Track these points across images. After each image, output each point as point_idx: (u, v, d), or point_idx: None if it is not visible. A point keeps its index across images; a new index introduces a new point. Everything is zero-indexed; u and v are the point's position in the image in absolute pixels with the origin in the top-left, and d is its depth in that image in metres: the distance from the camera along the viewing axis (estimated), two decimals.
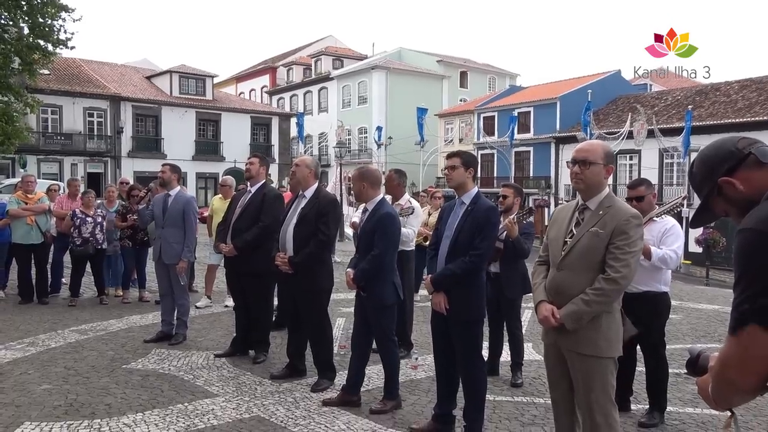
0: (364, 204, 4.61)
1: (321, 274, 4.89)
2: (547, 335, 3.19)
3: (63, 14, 16.72)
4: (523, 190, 5.98)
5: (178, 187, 6.41)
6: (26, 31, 16.53)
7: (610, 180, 3.16)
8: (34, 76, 17.59)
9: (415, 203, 6.19)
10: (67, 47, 17.08)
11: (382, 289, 4.34)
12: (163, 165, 6.52)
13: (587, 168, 3.04)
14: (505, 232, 4.92)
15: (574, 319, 2.95)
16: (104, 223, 8.18)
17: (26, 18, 16.30)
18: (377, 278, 4.31)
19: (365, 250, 4.35)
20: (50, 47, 16.80)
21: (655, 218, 4.26)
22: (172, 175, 6.34)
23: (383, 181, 5.35)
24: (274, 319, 6.20)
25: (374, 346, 4.63)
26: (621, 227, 2.94)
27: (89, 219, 8.05)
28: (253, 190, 5.68)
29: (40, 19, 16.15)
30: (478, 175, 36.01)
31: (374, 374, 4.96)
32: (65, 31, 16.94)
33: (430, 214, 8.36)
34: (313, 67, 52.13)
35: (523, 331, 5.30)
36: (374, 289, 4.32)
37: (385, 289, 4.35)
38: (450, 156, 4.00)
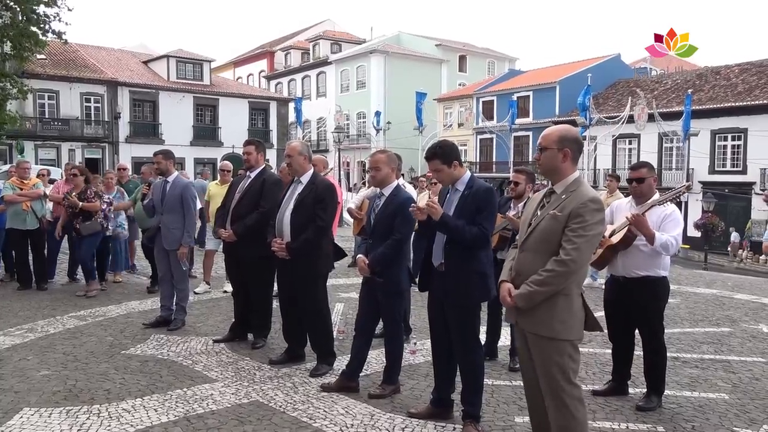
0: (366, 190, 4.56)
1: (319, 259, 4.88)
2: (507, 315, 3.28)
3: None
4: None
5: (176, 173, 6.36)
6: (19, 17, 16.35)
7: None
8: (24, 61, 17.46)
9: (410, 188, 6.16)
10: (60, 38, 16.93)
11: (398, 275, 4.33)
12: (155, 155, 6.33)
13: (542, 153, 3.11)
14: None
15: (526, 299, 3.00)
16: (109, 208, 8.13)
17: (19, 5, 16.14)
18: (395, 263, 4.28)
19: (382, 236, 4.28)
20: (41, 34, 16.65)
21: (658, 205, 4.22)
22: (166, 162, 6.27)
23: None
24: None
25: (376, 331, 4.63)
26: (577, 210, 2.93)
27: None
28: (253, 175, 5.64)
29: (33, 6, 15.99)
30: (475, 159, 35.43)
31: (373, 359, 4.97)
32: (58, 18, 16.76)
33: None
34: (311, 52, 51.80)
35: None
36: (391, 275, 4.29)
37: (402, 274, 4.35)
38: (429, 160, 3.88)
